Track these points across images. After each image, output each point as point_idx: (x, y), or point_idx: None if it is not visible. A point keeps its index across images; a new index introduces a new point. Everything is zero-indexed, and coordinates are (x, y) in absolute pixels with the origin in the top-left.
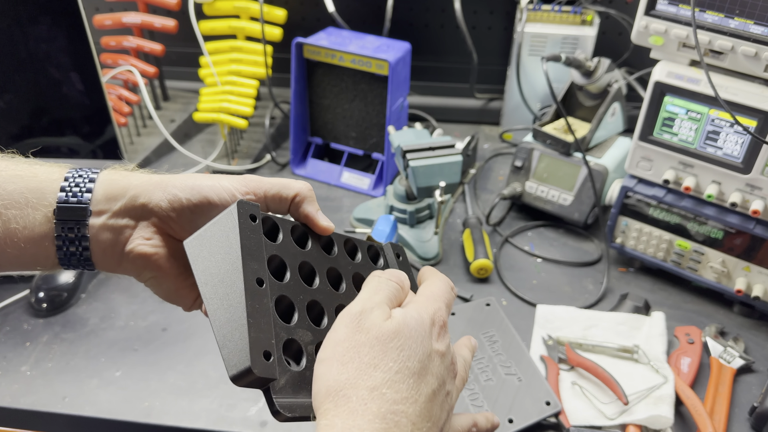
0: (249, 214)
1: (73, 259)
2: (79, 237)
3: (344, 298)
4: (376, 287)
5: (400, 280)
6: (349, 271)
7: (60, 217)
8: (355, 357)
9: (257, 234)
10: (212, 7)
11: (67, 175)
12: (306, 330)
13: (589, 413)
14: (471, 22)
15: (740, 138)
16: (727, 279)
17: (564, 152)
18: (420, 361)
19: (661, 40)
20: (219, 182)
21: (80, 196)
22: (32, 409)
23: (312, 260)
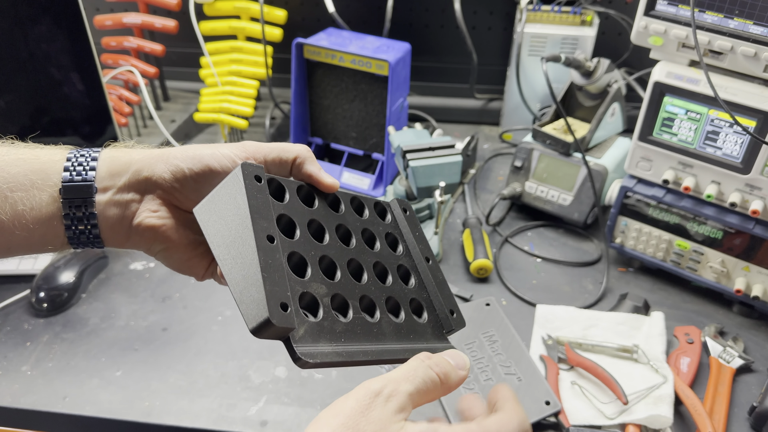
0: (254, 175)
1: (83, 237)
2: (87, 215)
3: (355, 253)
4: (411, 372)
5: (445, 374)
6: (358, 227)
7: (66, 195)
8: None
9: (263, 194)
10: (213, 8)
11: (69, 155)
12: (320, 283)
13: (588, 413)
14: (471, 23)
15: (739, 138)
16: (726, 279)
17: (564, 152)
18: None
19: (661, 40)
20: (219, 150)
21: (84, 174)
22: (33, 409)
23: (320, 218)
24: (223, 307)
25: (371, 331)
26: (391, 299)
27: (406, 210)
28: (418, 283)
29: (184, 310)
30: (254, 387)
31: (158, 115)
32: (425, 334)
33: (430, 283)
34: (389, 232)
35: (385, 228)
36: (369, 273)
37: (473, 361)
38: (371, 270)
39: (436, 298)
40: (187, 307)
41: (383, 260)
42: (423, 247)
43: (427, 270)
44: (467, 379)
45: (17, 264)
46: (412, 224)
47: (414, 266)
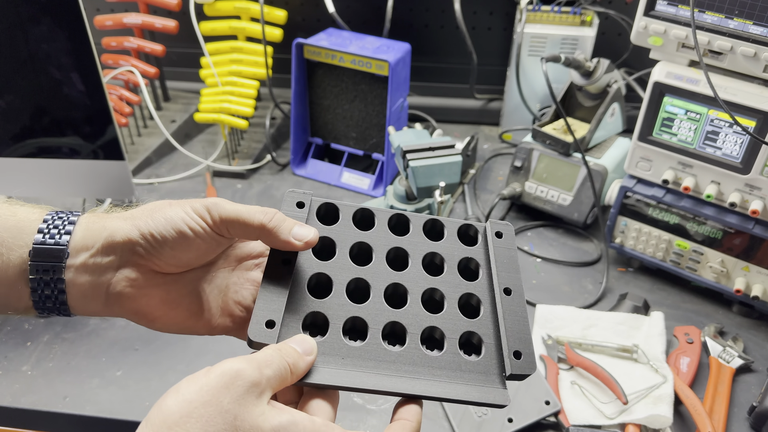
0: (296, 201)
1: (48, 302)
2: (54, 280)
3: (402, 278)
4: (269, 358)
5: (294, 363)
6: (421, 251)
7: (35, 258)
8: (206, 415)
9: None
10: (213, 8)
11: (46, 216)
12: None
13: (588, 413)
14: (471, 23)
15: (739, 138)
16: (726, 279)
17: (563, 152)
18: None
19: (661, 40)
20: (186, 213)
21: (58, 238)
22: (33, 409)
23: (371, 241)
24: None
25: (393, 362)
26: (436, 330)
27: (500, 234)
28: (489, 316)
29: None
30: None
31: (158, 115)
32: (473, 372)
33: (506, 318)
34: (472, 257)
35: (466, 253)
36: (414, 300)
37: None
38: (418, 297)
39: (505, 336)
40: None
41: (445, 288)
42: (508, 276)
43: (505, 303)
44: None
45: None
46: (504, 249)
47: (492, 297)
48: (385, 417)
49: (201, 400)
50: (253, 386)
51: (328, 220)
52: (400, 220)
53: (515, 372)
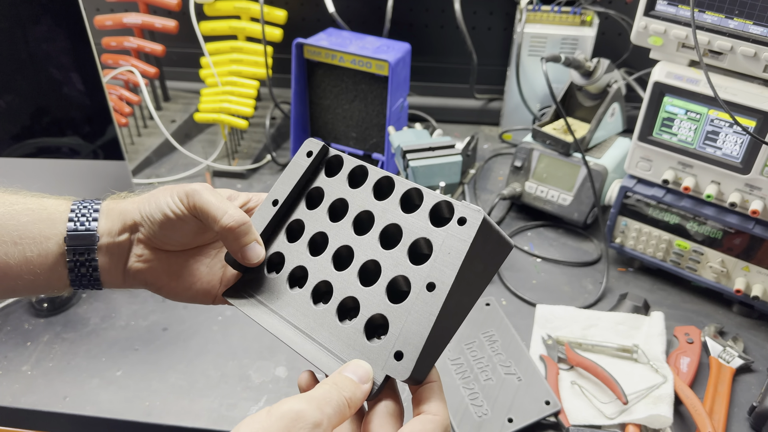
0: (306, 151)
1: (84, 280)
2: (89, 260)
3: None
4: (328, 396)
5: (351, 396)
6: (386, 221)
7: (71, 243)
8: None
9: (303, 165)
10: (213, 8)
11: (72, 206)
12: (300, 253)
13: (588, 413)
14: (471, 23)
15: (739, 138)
16: (726, 279)
17: (563, 152)
18: None
19: (661, 40)
20: (171, 197)
21: (88, 225)
22: (33, 409)
23: (352, 200)
24: (224, 307)
25: (305, 315)
26: (355, 303)
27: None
28: (408, 306)
29: (184, 310)
30: (254, 387)
31: (158, 115)
32: (366, 356)
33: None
34: (429, 239)
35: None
36: (353, 268)
37: (473, 361)
38: (357, 266)
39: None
40: (187, 307)
41: (386, 263)
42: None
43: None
44: (467, 378)
45: None
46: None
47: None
48: None
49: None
50: (315, 427)
51: (331, 170)
52: (385, 183)
53: (388, 372)
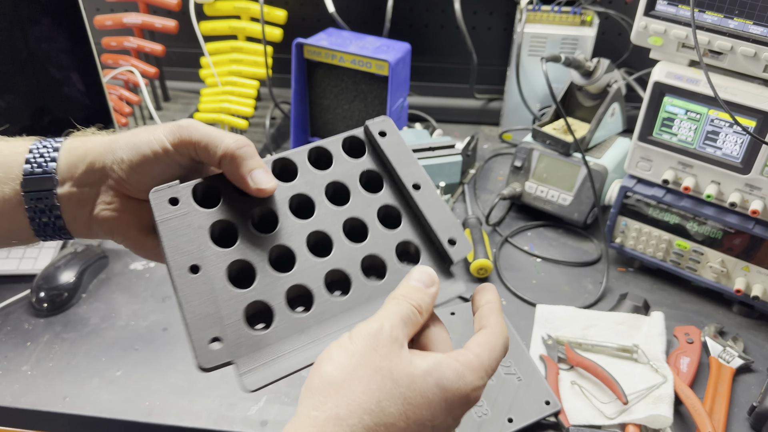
0: (168, 199)
1: (48, 229)
2: (49, 207)
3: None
4: (397, 308)
5: (419, 303)
6: (320, 188)
7: (27, 188)
8: (365, 375)
9: (183, 216)
10: (213, 8)
11: (31, 147)
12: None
13: (588, 413)
14: (471, 23)
15: (739, 138)
16: (726, 279)
17: (563, 152)
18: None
19: (661, 40)
20: (154, 135)
21: (45, 166)
22: (33, 409)
23: (269, 202)
24: None
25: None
26: (374, 257)
27: (383, 133)
28: (411, 219)
29: None
30: None
31: (158, 115)
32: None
33: (426, 213)
34: (369, 169)
35: (361, 167)
36: (339, 240)
37: None
38: (341, 235)
39: (433, 229)
40: None
41: (360, 212)
42: (410, 172)
43: (419, 199)
44: None
45: (17, 264)
46: (394, 146)
47: (405, 199)
48: None
49: (355, 363)
50: (394, 341)
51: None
52: (284, 165)
53: (454, 258)
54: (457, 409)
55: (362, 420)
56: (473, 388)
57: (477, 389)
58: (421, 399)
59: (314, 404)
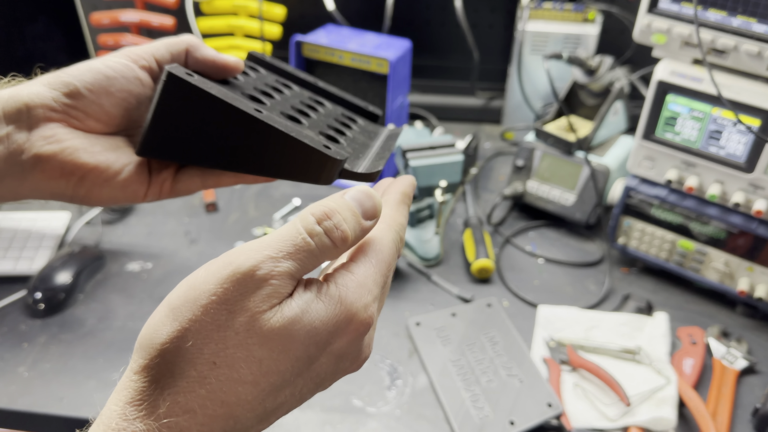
0: (185, 72)
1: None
2: None
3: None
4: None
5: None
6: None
7: None
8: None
9: (207, 81)
10: (210, 5)
11: None
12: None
13: (590, 415)
14: (472, 20)
15: (743, 137)
16: (730, 279)
17: (566, 151)
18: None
19: (664, 38)
20: (106, 59)
21: None
22: (29, 411)
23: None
24: None
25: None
26: (336, 119)
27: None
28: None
29: None
30: None
31: None
32: (370, 127)
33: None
34: (275, 79)
35: (269, 77)
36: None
37: (475, 362)
38: (306, 109)
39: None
40: None
41: (300, 99)
42: (306, 76)
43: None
44: (469, 380)
45: (14, 265)
46: (281, 64)
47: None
48: (385, 419)
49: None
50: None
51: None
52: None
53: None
54: (335, 343)
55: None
56: (357, 310)
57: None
58: (280, 354)
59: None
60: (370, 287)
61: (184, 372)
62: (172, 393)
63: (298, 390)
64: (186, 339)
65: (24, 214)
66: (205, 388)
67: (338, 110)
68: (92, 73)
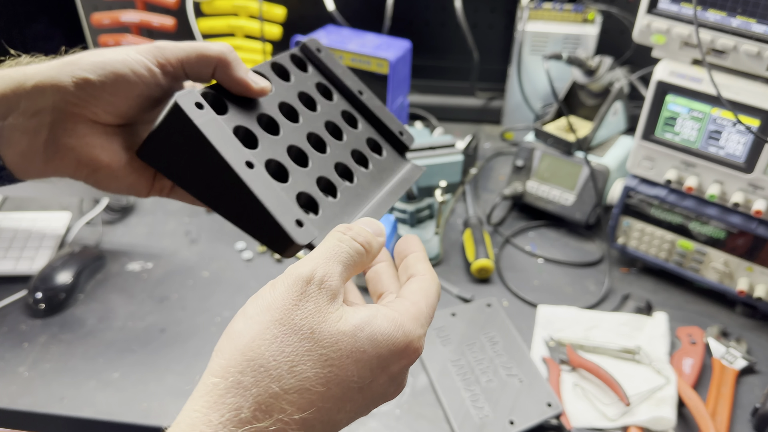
0: (194, 103)
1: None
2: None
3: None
4: (336, 248)
5: (368, 242)
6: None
7: None
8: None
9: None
10: (211, 6)
11: None
12: (303, 177)
13: (590, 414)
14: (472, 20)
15: (743, 137)
16: (729, 279)
17: (565, 152)
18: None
19: (663, 38)
20: (128, 55)
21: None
22: (30, 411)
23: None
24: (222, 308)
25: (357, 194)
26: (355, 152)
27: (319, 50)
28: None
29: (182, 311)
30: None
31: None
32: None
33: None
34: (318, 82)
35: (313, 79)
36: (328, 139)
37: (475, 362)
38: (327, 135)
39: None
40: (185, 308)
41: (330, 117)
42: (352, 81)
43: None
44: (468, 380)
45: (14, 265)
46: (330, 58)
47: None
48: (385, 419)
49: (270, 321)
50: (325, 293)
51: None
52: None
53: (409, 143)
54: (394, 364)
55: (269, 389)
56: (413, 338)
57: (418, 339)
58: (347, 359)
59: (216, 369)
60: (422, 321)
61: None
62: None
63: (357, 405)
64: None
65: (24, 214)
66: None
67: (367, 133)
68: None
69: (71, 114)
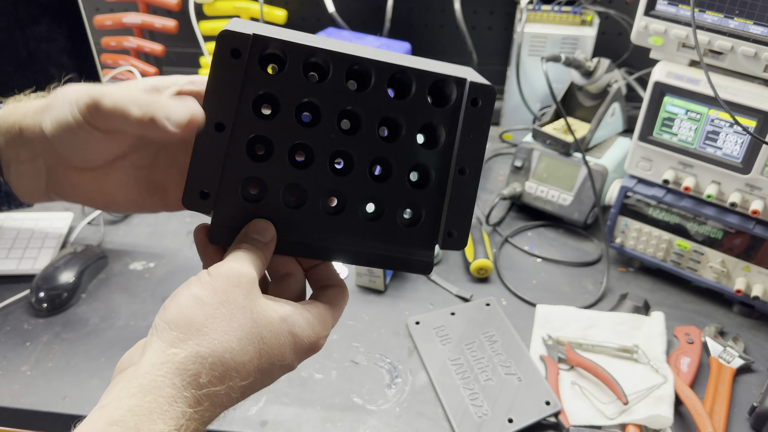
0: (230, 49)
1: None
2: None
3: (351, 144)
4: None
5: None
6: (379, 113)
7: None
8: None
9: (235, 71)
10: (212, 8)
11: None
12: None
13: (588, 413)
14: (471, 23)
15: (740, 138)
16: (726, 279)
17: (564, 152)
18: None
19: (661, 40)
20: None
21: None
22: (33, 409)
23: (322, 97)
24: None
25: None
26: (380, 200)
27: (476, 102)
28: (436, 189)
29: None
30: None
31: None
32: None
33: (452, 197)
34: (435, 123)
35: (431, 116)
36: (360, 168)
37: (474, 361)
38: (365, 165)
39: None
40: None
41: (396, 156)
42: (468, 153)
43: (455, 182)
44: (468, 378)
45: (17, 264)
46: (477, 120)
47: (446, 170)
48: (385, 417)
49: (218, 301)
50: (254, 282)
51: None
52: (360, 71)
53: (444, 246)
54: (303, 354)
55: (222, 359)
56: (320, 337)
57: (323, 338)
58: (275, 341)
59: (173, 340)
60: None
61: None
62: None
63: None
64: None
65: (27, 213)
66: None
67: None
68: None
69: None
